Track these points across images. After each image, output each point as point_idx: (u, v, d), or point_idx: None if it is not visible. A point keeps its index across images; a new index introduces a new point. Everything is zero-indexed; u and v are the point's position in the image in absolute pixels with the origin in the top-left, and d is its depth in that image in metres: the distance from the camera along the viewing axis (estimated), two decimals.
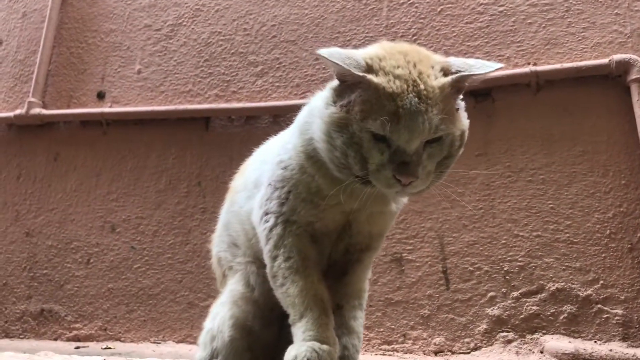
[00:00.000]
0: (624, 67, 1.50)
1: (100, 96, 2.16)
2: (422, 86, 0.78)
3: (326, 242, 0.95)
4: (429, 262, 1.63)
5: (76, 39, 2.25)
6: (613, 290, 1.46)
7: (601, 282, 1.47)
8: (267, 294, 0.96)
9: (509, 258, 1.56)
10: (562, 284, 1.49)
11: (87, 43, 2.23)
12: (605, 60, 1.52)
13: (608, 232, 1.49)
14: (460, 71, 0.81)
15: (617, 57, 1.51)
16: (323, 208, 0.91)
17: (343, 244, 0.97)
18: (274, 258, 0.92)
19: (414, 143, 0.78)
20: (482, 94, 1.66)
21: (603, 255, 1.48)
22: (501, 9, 1.71)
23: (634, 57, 1.50)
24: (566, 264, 1.50)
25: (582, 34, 1.61)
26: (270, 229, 0.92)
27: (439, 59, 0.84)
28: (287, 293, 0.89)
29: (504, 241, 1.57)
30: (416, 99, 0.77)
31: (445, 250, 1.62)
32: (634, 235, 1.47)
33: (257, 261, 1.01)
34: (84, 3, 2.28)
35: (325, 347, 0.83)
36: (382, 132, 0.78)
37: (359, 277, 1.00)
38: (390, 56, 0.81)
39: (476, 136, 1.65)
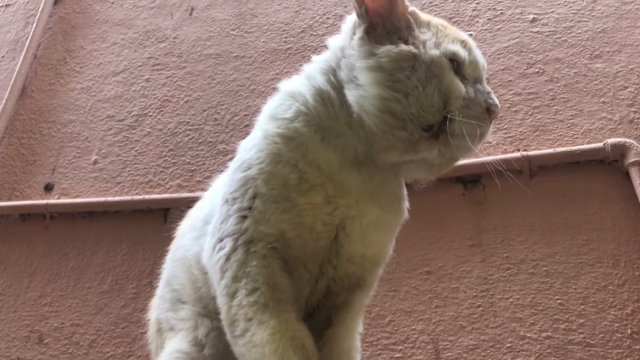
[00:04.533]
0: (620, 150, 1.42)
1: (48, 188, 1.94)
2: None
3: (303, 275, 0.70)
4: None
5: (29, 130, 2.09)
6: None
7: None
8: (222, 354, 0.70)
9: None
10: None
11: (42, 134, 2.07)
12: (599, 145, 1.44)
13: (629, 331, 1.28)
14: None
15: (612, 140, 1.43)
16: (301, 208, 0.68)
17: (326, 279, 0.73)
18: (232, 295, 0.66)
19: (484, 75, 0.68)
20: (471, 181, 1.54)
21: None
22: None
23: (629, 140, 1.42)
24: None
25: (571, 120, 1.54)
26: (227, 257, 0.68)
27: None
28: (253, 342, 0.62)
29: (509, 344, 1.34)
30: None
31: (441, 358, 1.36)
32: None
33: (210, 313, 0.75)
34: (45, 95, 2.16)
35: None
36: (463, 56, 0.67)
37: (347, 329, 0.75)
38: None
39: (468, 225, 1.50)
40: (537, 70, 1.65)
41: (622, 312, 1.31)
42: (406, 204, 0.80)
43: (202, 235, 0.79)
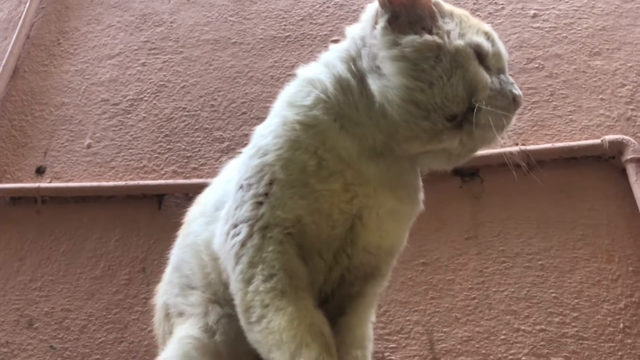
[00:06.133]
0: (618, 147, 1.43)
1: (40, 171, 1.91)
2: None
3: (318, 264, 0.70)
4: None
5: (21, 112, 2.05)
6: None
7: None
8: (233, 340, 0.69)
9: (510, 357, 1.32)
10: None
11: (34, 116, 2.03)
12: (597, 141, 1.45)
13: (622, 325, 1.30)
14: None
15: (610, 137, 1.45)
16: (319, 194, 0.67)
17: (340, 268, 0.73)
18: (248, 281, 0.65)
19: (506, 66, 0.69)
20: (469, 174, 1.54)
21: (619, 353, 1.28)
22: None
23: (626, 137, 1.43)
24: None
25: (569, 116, 1.55)
26: (243, 243, 0.68)
27: None
28: (269, 328, 0.62)
29: (503, 337, 1.35)
30: None
31: (435, 348, 1.37)
32: None
33: (220, 300, 0.74)
34: (38, 76, 2.12)
35: None
36: (487, 47, 0.68)
37: (361, 318, 0.76)
38: None
39: (464, 218, 1.50)
40: (536, 65, 1.66)
41: (615, 306, 1.32)
42: (421, 195, 0.80)
43: (212, 222, 0.78)
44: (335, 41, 1.90)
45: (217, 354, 0.70)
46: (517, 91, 0.69)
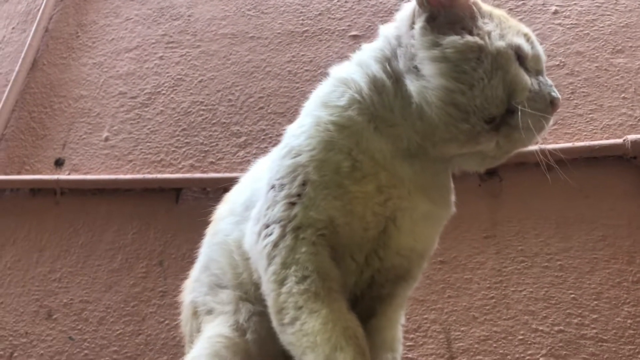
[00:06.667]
0: None
1: (59, 163, 1.93)
2: None
3: (350, 266, 0.70)
4: None
5: (40, 104, 2.06)
6: None
7: None
8: (264, 340, 0.69)
9: (527, 357, 1.32)
10: None
11: (52, 108, 2.05)
12: (619, 140, 1.43)
13: None
14: None
15: (632, 137, 1.43)
16: (353, 196, 0.67)
17: (372, 270, 0.72)
18: (281, 282, 0.65)
19: (544, 68, 0.70)
20: (487, 172, 1.53)
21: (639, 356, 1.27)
22: None
23: None
24: None
25: (590, 115, 1.54)
26: (275, 244, 0.67)
27: None
28: (303, 330, 0.62)
29: (521, 337, 1.34)
30: None
31: (452, 348, 1.37)
32: None
33: (251, 298, 0.74)
34: (56, 69, 2.13)
35: None
36: (527, 49, 0.67)
37: (390, 320, 0.75)
38: None
39: (483, 216, 1.49)
40: (557, 63, 1.64)
41: (635, 309, 1.31)
42: (453, 197, 0.80)
43: (242, 221, 0.78)
44: (354, 36, 1.90)
45: (247, 353, 0.70)
46: (556, 94, 0.69)
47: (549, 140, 1.54)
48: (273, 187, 0.71)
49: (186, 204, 1.75)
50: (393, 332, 0.75)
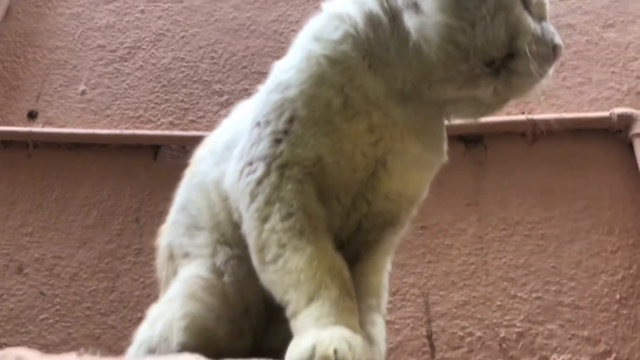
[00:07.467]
0: (626, 121, 1.42)
1: (32, 116, 1.85)
2: None
3: (336, 208, 0.67)
4: (411, 325, 1.36)
5: (13, 53, 1.97)
6: None
7: (614, 354, 1.25)
8: (242, 282, 0.67)
9: (505, 322, 1.33)
10: (569, 355, 1.26)
11: (26, 58, 1.96)
12: (606, 113, 1.44)
13: (618, 296, 1.31)
14: None
15: (619, 110, 1.43)
16: (343, 134, 0.64)
17: (359, 215, 0.70)
18: (264, 219, 0.62)
19: (547, 15, 0.66)
20: (472, 140, 1.52)
21: (614, 323, 1.29)
22: None
23: (636, 111, 1.42)
24: (572, 332, 1.29)
25: (578, 88, 1.53)
26: (259, 181, 0.64)
27: None
28: (286, 268, 0.59)
29: (499, 302, 1.35)
30: None
31: (430, 311, 1.37)
32: None
33: (229, 241, 0.71)
34: (31, 18, 2.03)
35: (358, 337, 0.53)
36: None
37: (377, 265, 0.74)
38: None
39: (466, 184, 1.49)
40: None
41: (612, 278, 1.33)
42: (446, 146, 0.78)
43: (222, 161, 0.74)
44: None
45: (224, 295, 0.68)
46: (559, 41, 0.67)
47: (537, 111, 1.53)
48: (258, 124, 0.68)
49: (164, 161, 1.71)
50: (379, 278, 0.74)
